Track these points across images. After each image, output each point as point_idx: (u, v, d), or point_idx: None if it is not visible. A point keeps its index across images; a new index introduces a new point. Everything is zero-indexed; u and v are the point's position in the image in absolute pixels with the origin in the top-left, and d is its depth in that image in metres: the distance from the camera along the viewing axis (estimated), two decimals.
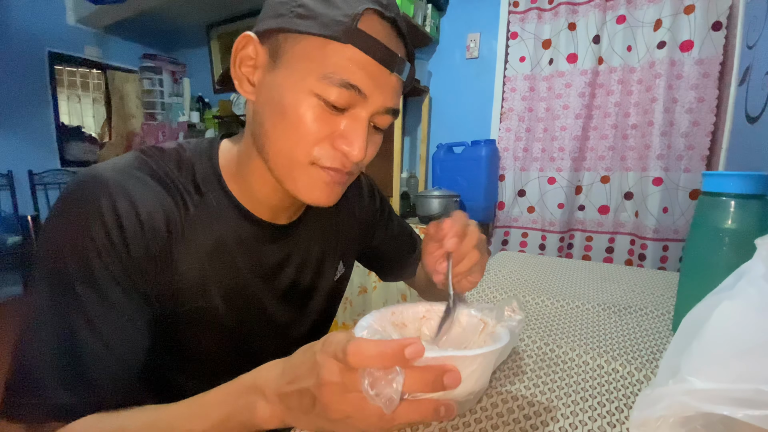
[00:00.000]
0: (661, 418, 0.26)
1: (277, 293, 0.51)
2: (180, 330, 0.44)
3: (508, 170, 1.92)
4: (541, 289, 0.74)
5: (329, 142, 0.40)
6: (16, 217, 2.60)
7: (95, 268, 0.36)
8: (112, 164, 0.40)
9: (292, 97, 0.38)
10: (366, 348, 0.25)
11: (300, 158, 0.40)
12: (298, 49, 0.38)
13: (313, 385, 0.27)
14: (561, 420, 0.36)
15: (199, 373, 0.48)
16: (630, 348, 0.50)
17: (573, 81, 1.73)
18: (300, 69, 0.38)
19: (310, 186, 0.42)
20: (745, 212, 0.47)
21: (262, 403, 0.31)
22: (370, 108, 0.39)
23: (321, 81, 0.37)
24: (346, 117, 0.40)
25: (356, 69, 0.37)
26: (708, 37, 1.45)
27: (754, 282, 0.27)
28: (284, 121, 0.39)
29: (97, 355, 0.36)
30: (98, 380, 0.36)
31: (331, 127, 0.39)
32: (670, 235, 1.59)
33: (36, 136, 2.81)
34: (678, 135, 1.54)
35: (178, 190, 0.42)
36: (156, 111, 3.28)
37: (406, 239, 0.72)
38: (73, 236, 0.36)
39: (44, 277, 0.36)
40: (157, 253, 0.40)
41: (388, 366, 0.25)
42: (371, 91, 0.38)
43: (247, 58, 0.41)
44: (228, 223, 0.45)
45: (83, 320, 0.35)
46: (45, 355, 0.35)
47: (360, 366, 0.25)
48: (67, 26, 2.90)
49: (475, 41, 2.00)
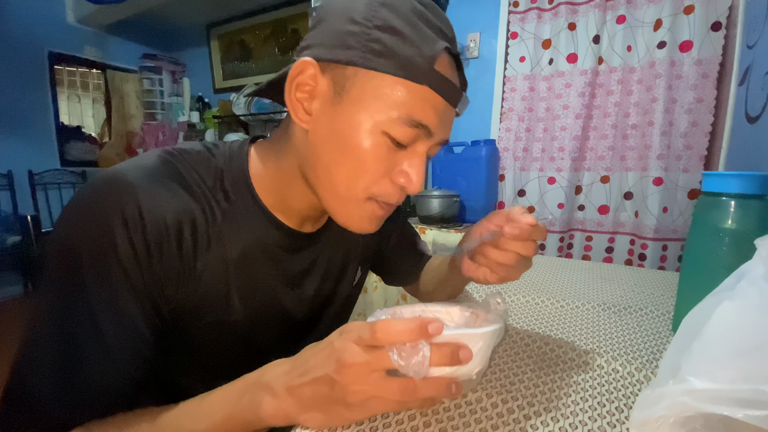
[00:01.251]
0: (661, 418, 0.26)
1: (301, 300, 0.51)
2: (195, 338, 0.43)
3: (508, 170, 1.92)
4: (541, 289, 0.74)
5: (389, 178, 0.40)
6: (15, 217, 2.60)
7: (113, 276, 0.34)
8: (136, 165, 0.38)
9: (358, 134, 0.37)
10: (393, 324, 0.27)
11: (359, 195, 0.40)
12: (370, 87, 0.36)
13: (333, 371, 0.28)
14: (561, 420, 0.36)
15: (207, 377, 0.47)
16: (630, 348, 0.50)
17: (573, 81, 1.73)
18: (370, 107, 0.37)
19: (362, 219, 0.42)
20: (745, 212, 0.47)
21: (269, 399, 0.31)
22: (431, 143, 0.40)
23: (390, 119, 0.37)
24: (407, 153, 0.40)
25: (428, 108, 0.37)
26: (707, 38, 1.45)
27: (754, 282, 0.27)
28: (348, 158, 0.38)
29: (98, 366, 0.34)
30: (97, 394, 0.35)
31: (393, 163, 0.39)
32: (670, 235, 1.59)
33: (36, 136, 2.81)
34: (677, 135, 1.54)
35: (206, 198, 0.41)
36: (156, 111, 3.27)
37: (415, 246, 0.71)
38: (91, 238, 0.34)
39: (55, 278, 0.34)
40: (181, 265, 0.38)
41: (413, 340, 0.27)
42: (437, 128, 0.39)
43: (305, 85, 0.39)
44: (256, 232, 0.44)
45: (90, 328, 0.34)
46: (44, 366, 0.34)
47: (387, 342, 0.27)
48: (67, 26, 2.90)
49: (475, 41, 2.00)
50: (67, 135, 3.01)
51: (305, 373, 0.30)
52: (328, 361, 0.29)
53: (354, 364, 0.27)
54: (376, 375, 0.28)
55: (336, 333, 0.30)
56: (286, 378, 0.30)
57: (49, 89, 2.86)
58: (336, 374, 0.28)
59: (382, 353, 0.28)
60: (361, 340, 0.28)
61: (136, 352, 0.37)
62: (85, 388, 0.34)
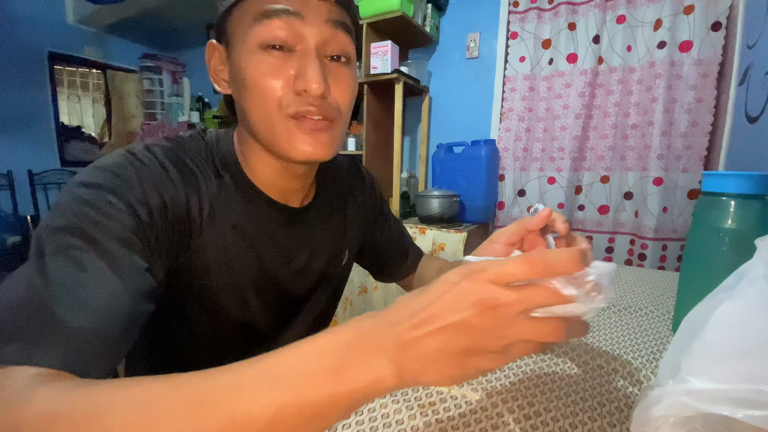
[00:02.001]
0: (661, 418, 0.26)
1: (293, 273, 0.53)
2: (206, 304, 0.46)
3: (508, 170, 1.92)
4: None
5: (290, 89, 0.40)
6: (15, 217, 2.60)
7: (110, 222, 0.34)
8: (138, 144, 0.42)
9: (244, 63, 0.40)
10: (550, 253, 0.23)
11: (273, 117, 0.41)
12: (235, 20, 0.40)
13: (472, 315, 0.23)
14: (561, 420, 0.36)
15: (206, 354, 0.50)
16: (630, 348, 0.50)
17: (573, 81, 1.73)
18: (240, 35, 0.40)
19: (292, 141, 0.41)
20: (745, 212, 0.47)
21: (377, 359, 0.24)
22: (311, 33, 0.39)
23: (255, 28, 0.39)
24: (296, 56, 0.40)
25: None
26: (707, 38, 1.45)
27: (754, 282, 0.27)
28: (247, 90, 0.40)
29: (71, 301, 0.30)
30: (67, 331, 0.29)
31: (287, 73, 0.40)
32: (669, 235, 1.59)
33: (36, 136, 2.81)
34: (677, 135, 1.54)
35: (203, 173, 0.44)
36: (156, 111, 3.28)
37: (401, 240, 0.72)
38: (94, 189, 0.35)
39: (50, 227, 0.33)
40: (185, 221, 0.41)
41: (578, 269, 0.23)
42: (303, 9, 0.39)
43: (218, 62, 0.45)
44: (246, 205, 0.47)
45: (73, 265, 0.31)
46: (12, 290, 0.31)
47: (550, 274, 0.23)
48: (67, 26, 2.90)
49: (475, 41, 2.00)
50: (67, 135, 3.01)
51: (426, 321, 0.24)
52: (461, 304, 0.23)
53: (501, 304, 0.23)
54: (523, 316, 0.24)
55: (453, 274, 0.25)
56: (399, 330, 0.24)
57: (49, 89, 2.86)
58: (477, 318, 0.23)
59: (537, 289, 0.23)
60: (503, 277, 0.23)
61: (117, 300, 0.32)
62: (51, 319, 0.29)
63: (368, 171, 0.70)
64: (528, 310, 0.24)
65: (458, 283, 0.24)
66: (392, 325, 0.24)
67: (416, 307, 0.24)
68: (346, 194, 0.61)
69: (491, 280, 0.24)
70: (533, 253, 0.23)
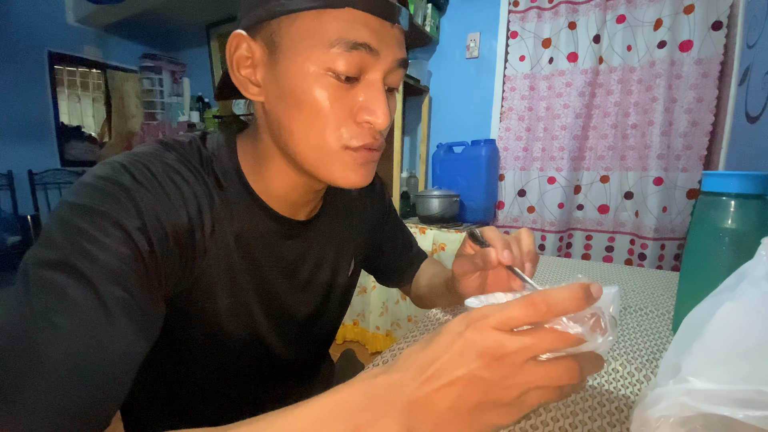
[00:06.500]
0: (661, 418, 0.26)
1: (297, 289, 0.51)
2: (208, 329, 0.43)
3: (508, 170, 1.92)
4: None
5: (352, 119, 0.38)
6: (15, 217, 2.59)
7: (104, 254, 0.31)
8: (135, 152, 0.38)
9: (303, 83, 0.36)
10: (552, 293, 0.23)
11: (331, 145, 0.38)
12: (295, 30, 0.36)
13: (478, 367, 0.22)
14: (561, 420, 0.35)
15: (209, 381, 0.47)
16: (630, 348, 0.50)
17: (573, 80, 1.73)
18: (302, 50, 0.36)
19: (345, 171, 0.40)
20: (745, 212, 0.47)
21: (387, 420, 0.23)
22: (381, 67, 0.38)
23: (327, 53, 0.35)
24: (361, 86, 0.38)
25: (360, 27, 0.36)
26: (708, 37, 1.45)
27: (756, 283, 0.27)
28: (302, 112, 0.37)
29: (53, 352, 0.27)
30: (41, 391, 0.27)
31: (350, 102, 0.38)
32: (669, 235, 1.59)
33: (36, 135, 2.81)
34: (677, 135, 1.54)
35: (204, 183, 0.41)
36: (156, 111, 3.27)
37: (407, 246, 0.71)
38: (88, 213, 0.31)
39: (38, 260, 0.30)
40: (188, 244, 0.38)
41: (581, 308, 0.23)
42: (380, 46, 0.37)
43: (244, 59, 0.39)
44: (248, 218, 0.44)
45: (61, 309, 0.28)
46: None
47: (553, 315, 0.23)
48: (67, 26, 2.90)
49: (475, 41, 2.00)
50: (67, 135, 3.01)
51: (435, 377, 0.23)
52: (466, 357, 0.23)
53: (507, 353, 0.22)
54: (531, 362, 0.23)
55: (456, 323, 0.24)
56: (409, 390, 0.23)
57: (49, 89, 2.85)
58: (484, 369, 0.22)
59: (544, 333, 0.23)
60: (507, 323, 0.23)
61: (111, 346, 0.30)
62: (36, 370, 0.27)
63: (378, 175, 0.67)
64: (536, 356, 0.23)
65: (462, 333, 0.24)
66: (402, 384, 0.24)
67: (424, 363, 0.24)
68: (354, 200, 0.60)
69: (495, 327, 0.23)
70: (535, 296, 0.23)
